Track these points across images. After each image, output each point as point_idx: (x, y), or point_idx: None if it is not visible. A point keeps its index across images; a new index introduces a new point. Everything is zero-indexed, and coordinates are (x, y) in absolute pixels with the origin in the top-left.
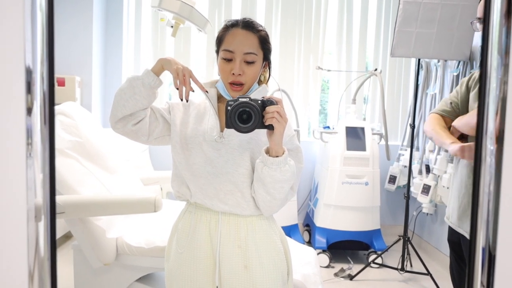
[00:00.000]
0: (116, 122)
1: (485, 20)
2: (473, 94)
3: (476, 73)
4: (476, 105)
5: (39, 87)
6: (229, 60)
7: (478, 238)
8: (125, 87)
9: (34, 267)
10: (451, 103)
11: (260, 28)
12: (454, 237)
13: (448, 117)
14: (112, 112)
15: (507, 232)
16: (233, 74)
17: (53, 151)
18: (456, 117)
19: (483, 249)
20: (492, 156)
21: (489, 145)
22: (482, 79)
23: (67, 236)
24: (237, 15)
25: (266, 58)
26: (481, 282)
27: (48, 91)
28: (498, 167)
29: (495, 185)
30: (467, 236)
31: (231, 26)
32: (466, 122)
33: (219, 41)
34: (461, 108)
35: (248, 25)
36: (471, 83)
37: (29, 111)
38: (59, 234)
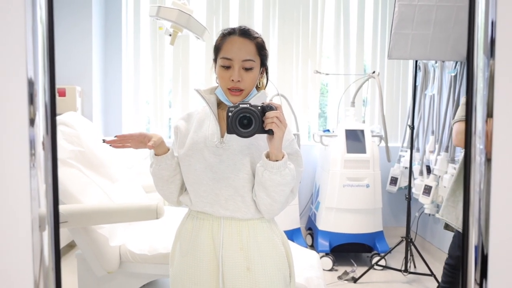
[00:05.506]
0: (178, 202)
1: (470, 23)
2: None
3: None
4: None
5: (41, 98)
6: (227, 67)
7: (471, 237)
8: (157, 182)
9: (40, 277)
10: None
11: (257, 35)
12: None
13: None
14: (170, 202)
15: (498, 229)
16: (232, 80)
17: (56, 161)
18: None
19: (476, 247)
20: (482, 155)
21: (478, 144)
22: (469, 80)
23: (71, 245)
24: (234, 22)
25: (263, 64)
26: (475, 280)
27: (50, 102)
28: (488, 165)
29: (486, 183)
30: (454, 225)
31: (228, 34)
32: None
33: (217, 49)
34: None
35: (245, 32)
36: None
37: (31, 122)
38: (62, 243)
